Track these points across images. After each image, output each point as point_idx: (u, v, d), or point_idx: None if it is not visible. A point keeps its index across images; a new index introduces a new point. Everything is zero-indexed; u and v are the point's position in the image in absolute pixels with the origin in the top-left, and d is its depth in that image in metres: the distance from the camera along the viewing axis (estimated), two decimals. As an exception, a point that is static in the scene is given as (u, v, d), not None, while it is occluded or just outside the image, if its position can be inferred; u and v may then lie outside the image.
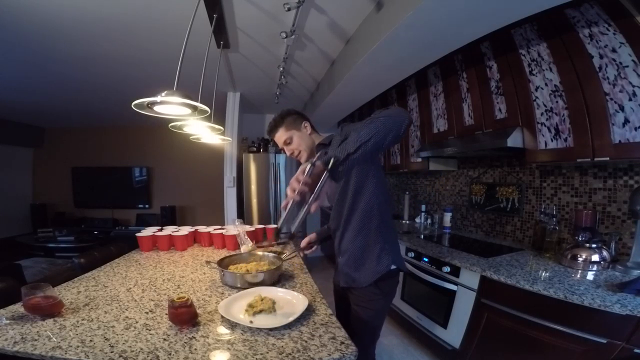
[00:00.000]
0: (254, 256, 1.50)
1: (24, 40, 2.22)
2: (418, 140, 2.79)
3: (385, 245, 1.22)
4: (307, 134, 1.37)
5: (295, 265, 1.57)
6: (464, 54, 2.17)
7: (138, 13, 1.88)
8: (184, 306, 0.89)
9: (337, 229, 1.30)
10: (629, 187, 1.53)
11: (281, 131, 1.35)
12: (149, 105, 1.26)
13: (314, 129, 1.40)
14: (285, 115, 1.37)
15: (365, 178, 1.19)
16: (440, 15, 1.43)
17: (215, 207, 4.66)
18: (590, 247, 1.48)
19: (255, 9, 1.85)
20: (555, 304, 1.25)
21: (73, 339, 0.84)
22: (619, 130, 1.35)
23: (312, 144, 1.37)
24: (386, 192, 1.26)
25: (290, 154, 1.38)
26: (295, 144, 1.35)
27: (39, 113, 4.49)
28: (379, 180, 1.22)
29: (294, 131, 1.35)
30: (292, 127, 1.35)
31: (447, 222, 2.59)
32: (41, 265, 3.85)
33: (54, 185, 5.38)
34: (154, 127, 5.08)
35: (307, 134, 1.37)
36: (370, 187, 1.19)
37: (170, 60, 1.99)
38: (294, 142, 1.35)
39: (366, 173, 1.19)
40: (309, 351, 0.79)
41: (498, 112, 1.95)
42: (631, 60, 1.30)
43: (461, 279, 1.75)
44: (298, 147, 1.35)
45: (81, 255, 1.65)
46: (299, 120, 1.37)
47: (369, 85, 2.56)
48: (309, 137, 1.37)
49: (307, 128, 1.37)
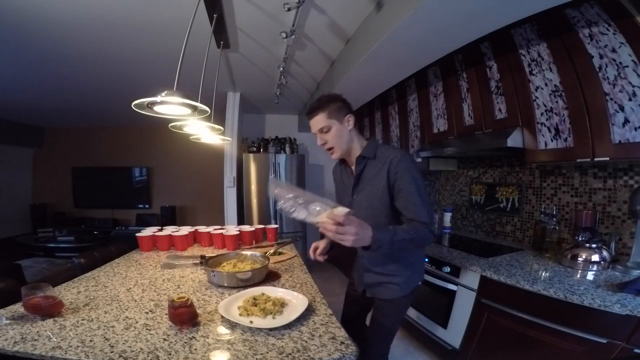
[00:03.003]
0: (239, 256, 1.51)
1: (25, 41, 2.22)
2: (418, 140, 2.79)
3: (420, 257, 1.31)
4: (347, 129, 1.21)
5: (295, 265, 1.57)
6: (464, 54, 2.17)
7: (138, 13, 1.88)
8: (184, 306, 0.89)
9: (374, 218, 1.21)
10: (629, 187, 1.53)
11: (321, 116, 1.18)
12: (149, 105, 1.26)
13: (356, 125, 1.25)
14: (331, 100, 1.20)
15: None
16: (440, 15, 1.43)
17: (215, 207, 4.66)
18: (590, 247, 1.48)
19: (255, 9, 1.85)
20: (555, 304, 1.25)
21: (73, 339, 0.84)
22: (619, 130, 1.35)
23: (349, 142, 1.23)
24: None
25: (322, 143, 1.22)
26: (331, 136, 1.19)
27: (39, 113, 4.49)
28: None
29: (335, 121, 1.18)
30: (333, 116, 1.18)
31: (447, 222, 2.59)
32: (41, 265, 3.86)
33: (54, 185, 5.38)
34: (154, 127, 5.08)
35: (348, 129, 1.21)
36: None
37: (170, 60, 1.99)
38: (331, 133, 1.19)
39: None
40: (309, 351, 0.79)
41: (498, 112, 1.95)
42: (631, 60, 1.30)
43: (461, 279, 1.75)
44: (334, 140, 1.20)
45: (81, 255, 1.65)
46: (344, 111, 1.21)
47: (369, 85, 2.56)
48: (348, 133, 1.22)
49: (349, 122, 1.21)
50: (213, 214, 4.85)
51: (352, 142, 1.23)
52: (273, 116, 4.77)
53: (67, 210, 5.37)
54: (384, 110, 3.41)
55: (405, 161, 1.12)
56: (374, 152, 1.20)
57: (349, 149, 1.24)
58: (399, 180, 1.11)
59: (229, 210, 3.67)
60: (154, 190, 5.51)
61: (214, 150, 3.94)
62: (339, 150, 1.22)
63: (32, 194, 5.42)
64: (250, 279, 1.26)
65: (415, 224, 1.05)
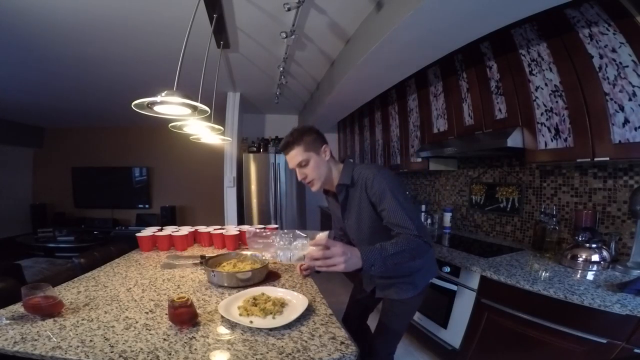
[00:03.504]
0: (239, 256, 1.51)
1: (25, 41, 2.22)
2: (418, 140, 2.79)
3: (430, 253, 1.33)
4: (325, 160, 1.21)
5: (295, 265, 1.57)
6: (464, 54, 2.17)
7: (138, 13, 1.88)
8: (184, 306, 0.89)
9: (367, 240, 1.23)
10: (629, 187, 1.53)
11: (297, 150, 1.17)
12: (149, 105, 1.26)
13: (332, 154, 1.26)
14: (305, 132, 1.19)
15: None
16: (440, 15, 1.43)
17: (215, 207, 4.67)
18: (590, 247, 1.48)
19: (255, 9, 1.85)
20: (555, 304, 1.25)
21: (73, 339, 0.84)
22: (619, 130, 1.35)
23: (328, 173, 1.22)
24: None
25: (302, 178, 1.22)
26: (311, 169, 1.19)
27: (39, 113, 4.49)
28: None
29: (312, 154, 1.18)
30: (310, 149, 1.18)
31: (447, 222, 2.59)
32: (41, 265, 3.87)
33: (54, 185, 5.39)
34: (154, 127, 5.09)
35: (325, 160, 1.21)
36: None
37: (170, 60, 1.99)
38: (309, 167, 1.19)
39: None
40: (309, 351, 0.79)
41: (498, 112, 1.95)
42: (631, 60, 1.30)
43: (461, 279, 1.75)
44: (313, 173, 1.19)
45: (81, 255, 1.65)
46: (319, 143, 1.20)
47: (369, 85, 2.56)
48: (326, 164, 1.21)
49: (326, 153, 1.21)
50: (213, 214, 4.85)
51: (331, 171, 1.23)
52: (273, 116, 4.78)
53: (67, 210, 5.37)
54: (384, 110, 3.41)
55: (378, 178, 1.11)
56: (350, 177, 1.20)
57: (328, 179, 1.24)
58: (379, 199, 1.10)
59: (229, 210, 3.67)
60: (154, 190, 5.52)
61: (214, 150, 3.95)
62: (318, 183, 1.22)
63: (32, 194, 5.43)
64: (250, 279, 1.26)
65: (404, 236, 1.03)
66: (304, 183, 1.24)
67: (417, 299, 1.30)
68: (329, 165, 1.22)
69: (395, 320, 1.31)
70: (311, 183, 1.22)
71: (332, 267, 0.88)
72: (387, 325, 1.31)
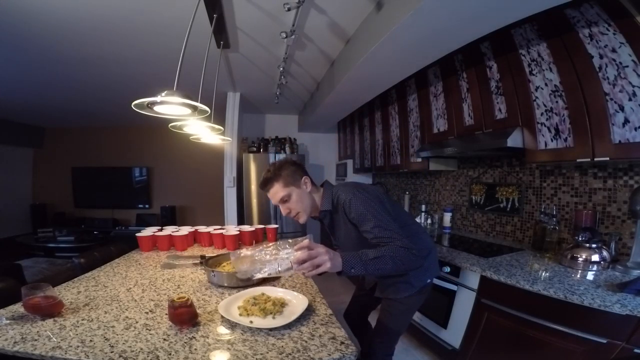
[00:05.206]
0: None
1: (25, 41, 2.22)
2: (418, 140, 2.79)
3: (432, 255, 1.36)
4: (307, 191, 1.20)
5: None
6: (464, 54, 2.17)
7: (138, 13, 1.88)
8: (184, 306, 0.89)
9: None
10: (629, 187, 1.53)
11: (277, 187, 1.16)
12: (149, 105, 1.26)
13: (313, 182, 1.25)
14: (282, 167, 1.18)
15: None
16: (440, 15, 1.43)
17: (215, 207, 4.66)
18: (590, 247, 1.48)
19: (255, 9, 1.85)
20: (555, 304, 1.25)
21: (73, 339, 0.84)
22: (619, 130, 1.35)
23: (312, 202, 1.22)
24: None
25: (286, 213, 1.20)
26: (294, 204, 1.18)
27: (39, 113, 4.49)
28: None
29: (293, 188, 1.17)
30: (290, 183, 1.17)
31: (447, 222, 2.59)
32: (41, 265, 3.87)
33: (54, 185, 5.39)
34: (154, 127, 5.08)
35: (307, 191, 1.20)
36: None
37: (170, 60, 1.99)
38: (292, 201, 1.17)
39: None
40: (309, 351, 0.79)
41: (498, 112, 1.95)
42: (631, 60, 1.30)
43: (461, 279, 1.75)
44: (297, 207, 1.19)
45: (81, 255, 1.65)
46: (298, 175, 1.19)
47: (369, 85, 2.56)
48: (308, 195, 1.21)
49: (307, 184, 1.20)
50: (213, 214, 4.85)
51: (314, 200, 1.23)
52: (273, 116, 4.78)
53: (67, 210, 5.37)
54: (384, 110, 3.41)
55: (354, 203, 1.10)
56: (330, 201, 1.20)
57: (314, 209, 1.24)
58: (358, 222, 1.11)
59: (229, 210, 3.67)
60: (154, 190, 5.52)
61: (214, 150, 3.95)
62: (304, 215, 1.21)
63: (32, 194, 5.43)
64: (250, 279, 1.25)
65: (390, 245, 1.02)
66: (290, 218, 1.24)
67: (414, 299, 1.30)
68: (311, 195, 1.22)
69: (392, 320, 1.31)
70: (297, 216, 1.22)
71: (319, 268, 0.89)
72: (384, 325, 1.32)
